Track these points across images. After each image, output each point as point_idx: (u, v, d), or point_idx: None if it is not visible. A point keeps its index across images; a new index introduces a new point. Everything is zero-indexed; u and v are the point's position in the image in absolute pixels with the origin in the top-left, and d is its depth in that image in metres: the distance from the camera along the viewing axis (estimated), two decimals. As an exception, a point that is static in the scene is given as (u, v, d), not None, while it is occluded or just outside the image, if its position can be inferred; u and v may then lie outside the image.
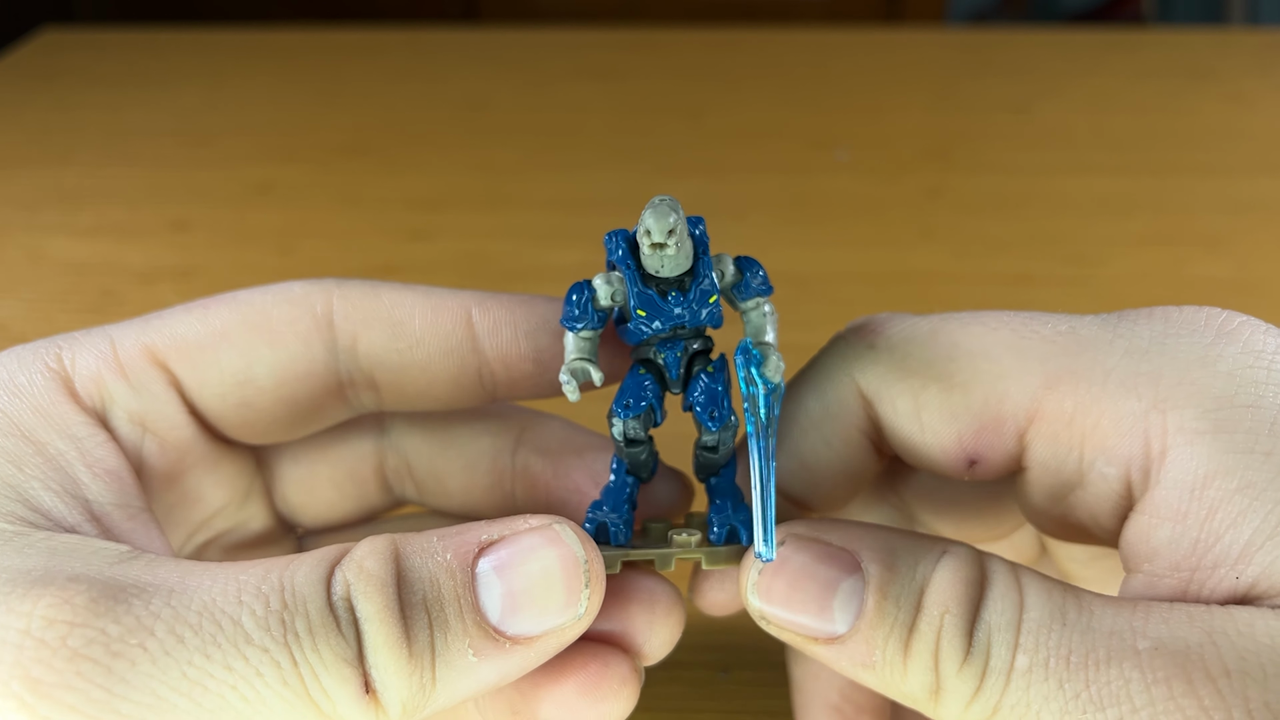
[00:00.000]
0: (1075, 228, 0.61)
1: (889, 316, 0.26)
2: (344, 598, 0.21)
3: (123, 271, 0.59)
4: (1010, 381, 0.23)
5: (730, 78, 0.83)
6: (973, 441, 0.24)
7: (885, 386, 0.24)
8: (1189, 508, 0.21)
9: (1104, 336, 0.23)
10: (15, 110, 0.79)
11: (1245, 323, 0.22)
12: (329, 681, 0.20)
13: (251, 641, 0.20)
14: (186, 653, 0.20)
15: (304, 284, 0.26)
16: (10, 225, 0.64)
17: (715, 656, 0.35)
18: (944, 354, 0.24)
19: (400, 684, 0.21)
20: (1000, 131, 0.73)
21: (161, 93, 0.82)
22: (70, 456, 0.24)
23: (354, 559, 0.21)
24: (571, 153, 0.72)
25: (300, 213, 0.65)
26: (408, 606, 0.21)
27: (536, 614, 0.22)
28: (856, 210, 0.64)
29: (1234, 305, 0.55)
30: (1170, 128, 0.72)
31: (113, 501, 0.24)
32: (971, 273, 0.57)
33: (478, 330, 0.26)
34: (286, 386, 0.26)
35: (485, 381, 0.27)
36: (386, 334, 0.26)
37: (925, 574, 0.22)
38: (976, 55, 0.86)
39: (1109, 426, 0.22)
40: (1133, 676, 0.20)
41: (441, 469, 0.30)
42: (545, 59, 0.87)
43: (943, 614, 0.22)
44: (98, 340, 0.26)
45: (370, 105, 0.80)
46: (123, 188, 0.68)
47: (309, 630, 0.20)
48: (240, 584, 0.21)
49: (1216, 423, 0.21)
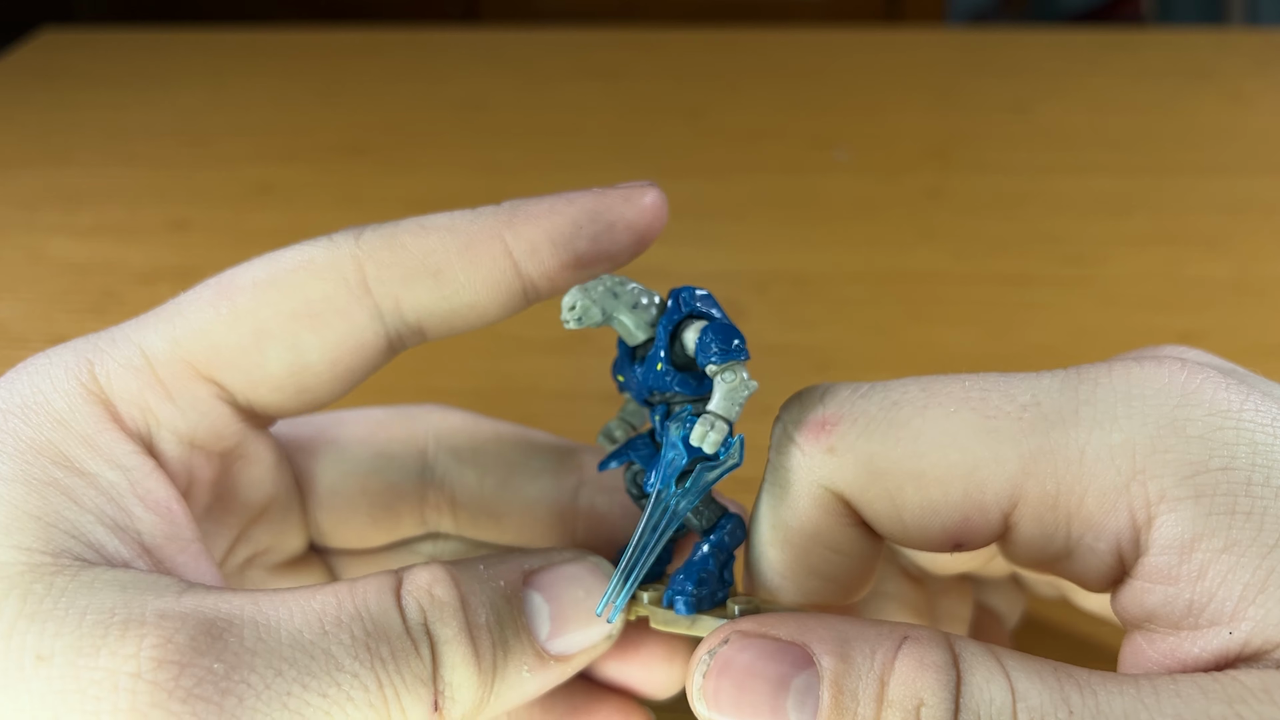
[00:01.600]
0: (1075, 227, 0.61)
1: (828, 397, 0.24)
2: (420, 623, 0.22)
3: (123, 271, 0.59)
4: (986, 471, 0.22)
5: (730, 78, 0.83)
6: (958, 532, 0.23)
7: (858, 493, 0.23)
8: (1180, 571, 0.21)
9: (1069, 406, 0.22)
10: (15, 110, 0.79)
11: (1207, 380, 0.22)
12: (408, 700, 0.22)
13: (343, 668, 0.21)
14: (285, 684, 0.21)
15: (323, 249, 0.25)
16: (10, 225, 0.64)
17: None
18: (909, 449, 0.22)
19: (469, 698, 0.23)
20: (1000, 131, 0.73)
21: (161, 93, 0.82)
22: (122, 488, 0.23)
23: (420, 586, 0.23)
24: (571, 153, 0.72)
25: (300, 213, 0.65)
26: (474, 628, 0.23)
27: (578, 635, 0.24)
28: (856, 210, 0.64)
29: (1234, 305, 0.55)
30: (1170, 128, 0.72)
31: (165, 534, 0.24)
32: (971, 273, 0.57)
33: (516, 255, 0.26)
34: (341, 363, 0.26)
35: (530, 295, 0.26)
36: (428, 287, 0.25)
37: (885, 661, 0.21)
38: (976, 55, 0.86)
39: (1093, 505, 0.21)
40: None
41: (498, 509, 0.30)
42: (545, 59, 0.87)
43: (918, 707, 0.20)
44: (128, 352, 0.24)
45: (370, 105, 0.80)
46: (123, 188, 0.68)
47: (392, 655, 0.22)
48: (319, 613, 0.22)
49: (1196, 488, 0.20)
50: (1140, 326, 0.52)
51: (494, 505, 0.30)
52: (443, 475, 0.30)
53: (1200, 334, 0.51)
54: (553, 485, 0.29)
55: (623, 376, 0.25)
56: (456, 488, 0.30)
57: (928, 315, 0.54)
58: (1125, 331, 0.52)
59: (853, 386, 0.24)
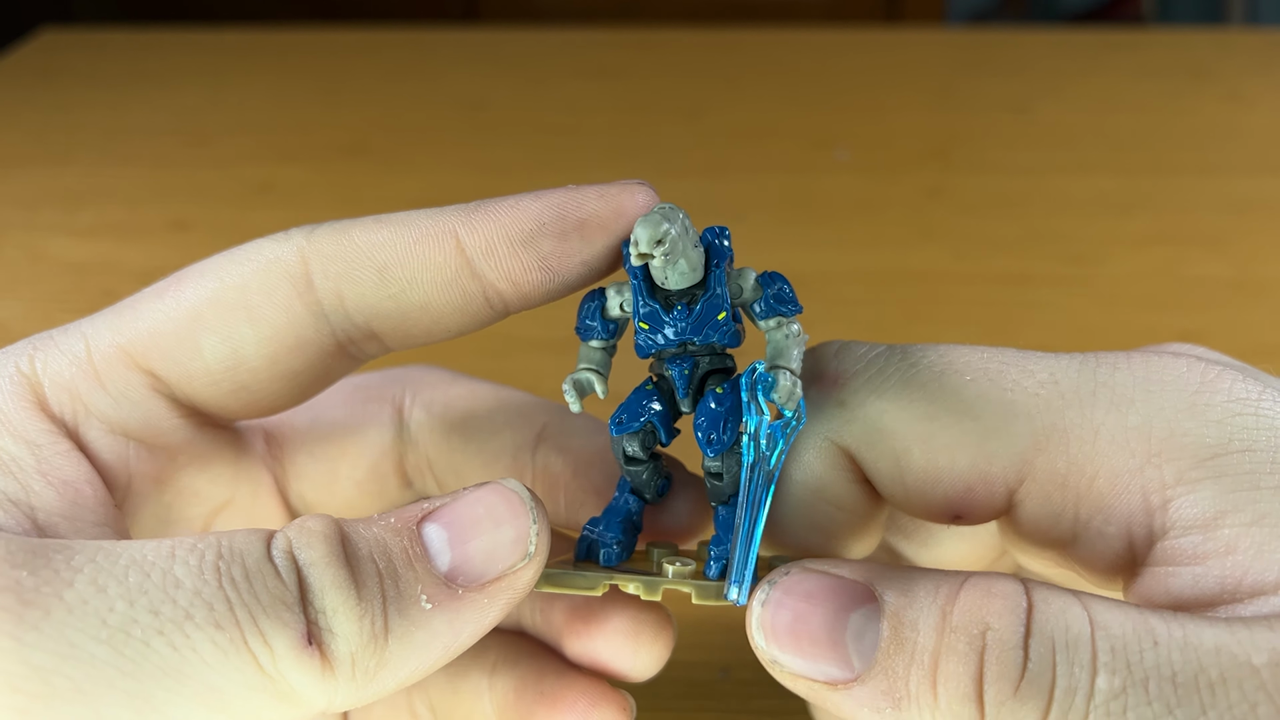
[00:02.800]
0: (1075, 227, 0.61)
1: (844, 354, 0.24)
2: (285, 551, 0.20)
3: (123, 271, 0.59)
4: (997, 442, 0.22)
5: (730, 78, 0.83)
6: (960, 502, 0.22)
7: (864, 449, 0.23)
8: (1206, 549, 0.20)
9: (1086, 387, 0.21)
10: (15, 110, 0.79)
11: (1225, 371, 0.22)
12: (268, 624, 0.19)
13: (181, 585, 0.19)
14: (108, 600, 0.19)
15: (272, 242, 0.24)
16: (10, 225, 0.64)
17: (715, 656, 0.35)
18: (921, 411, 0.22)
19: (349, 629, 0.20)
20: (1000, 131, 0.73)
21: (161, 93, 0.82)
22: (25, 462, 0.23)
23: (295, 523, 0.21)
24: (571, 152, 0.72)
25: (300, 213, 0.65)
26: (354, 559, 0.21)
27: (487, 556, 0.22)
28: (856, 210, 0.64)
29: (1234, 305, 0.55)
30: (1170, 127, 0.72)
31: (61, 513, 0.23)
32: (971, 273, 0.57)
33: (470, 254, 0.23)
34: (281, 361, 0.25)
35: (494, 302, 0.24)
36: (373, 283, 0.24)
37: (948, 594, 0.20)
38: (976, 55, 0.86)
39: (1105, 486, 0.21)
40: (1259, 700, 0.18)
41: (461, 465, 0.29)
42: (545, 59, 0.87)
43: (983, 631, 0.19)
44: (72, 342, 0.24)
45: (370, 105, 0.80)
46: (123, 188, 0.68)
47: (245, 575, 0.20)
48: (175, 543, 0.20)
49: (1215, 470, 0.20)
50: (1140, 326, 0.52)
51: (460, 463, 0.29)
52: (416, 433, 0.29)
53: (1200, 334, 0.51)
54: (511, 442, 0.28)
55: (647, 323, 0.23)
56: (428, 447, 0.29)
57: (928, 315, 0.54)
58: (1125, 331, 0.52)
59: (870, 345, 0.24)
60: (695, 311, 0.23)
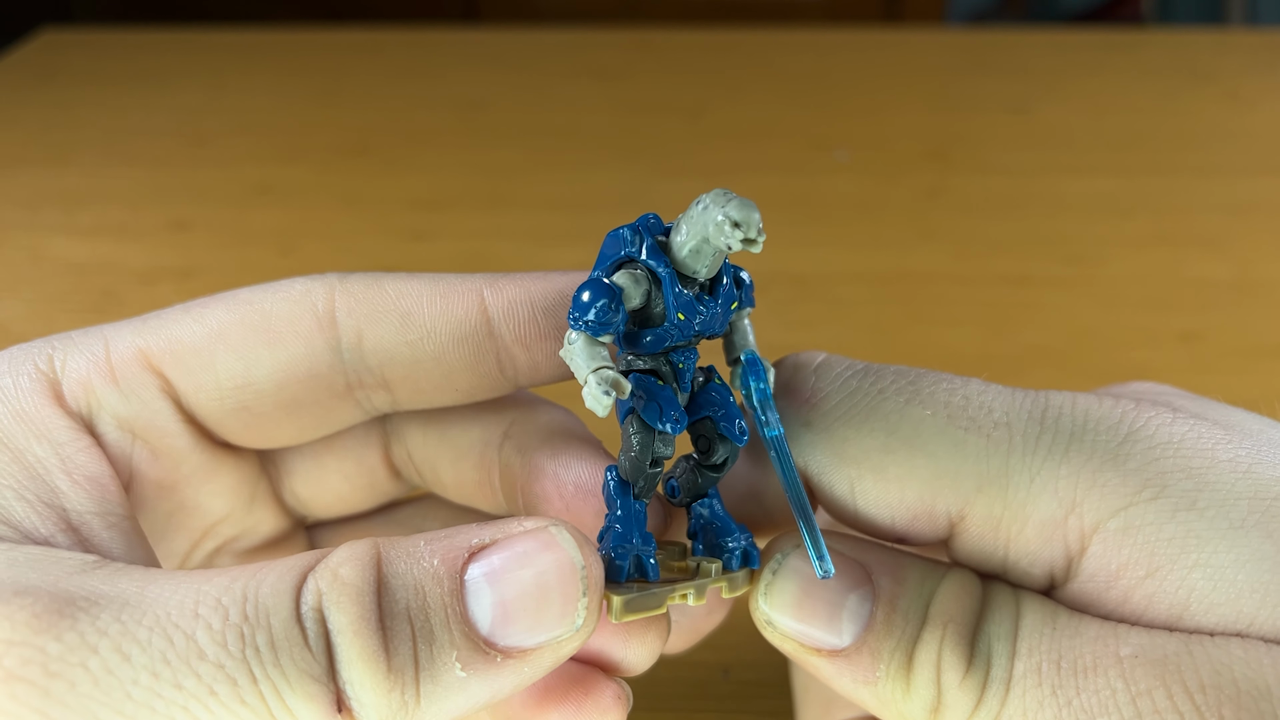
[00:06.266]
0: (1074, 228, 0.61)
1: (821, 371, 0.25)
2: (314, 608, 0.20)
3: (123, 271, 0.59)
4: (944, 482, 0.23)
5: (730, 78, 0.83)
6: (905, 529, 0.24)
7: (822, 471, 0.24)
8: (1106, 597, 0.22)
9: (1032, 431, 0.23)
10: (15, 110, 0.79)
11: (1153, 418, 0.23)
12: (294, 700, 0.19)
13: (205, 658, 0.19)
14: (132, 671, 0.18)
15: (305, 280, 0.25)
16: (10, 225, 0.64)
17: (715, 656, 0.35)
18: (879, 443, 0.24)
19: (378, 701, 0.19)
20: (1000, 131, 0.73)
21: (161, 93, 0.82)
22: (50, 463, 0.23)
23: (329, 566, 0.20)
24: (571, 153, 0.72)
25: (300, 213, 0.65)
26: (388, 616, 0.20)
27: (530, 625, 0.21)
28: (855, 210, 0.64)
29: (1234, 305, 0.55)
30: (1170, 128, 0.72)
31: (92, 510, 0.23)
32: (971, 273, 0.57)
33: (492, 313, 0.24)
34: (288, 389, 0.25)
35: (506, 368, 0.25)
36: (394, 326, 0.24)
37: (931, 588, 0.23)
38: (976, 55, 0.86)
39: (1032, 534, 0.23)
40: (1118, 686, 0.21)
41: (436, 459, 0.29)
42: (545, 59, 0.87)
43: (945, 623, 0.22)
44: (92, 342, 0.25)
45: (370, 105, 0.80)
46: (123, 188, 0.68)
47: (270, 644, 0.19)
48: (200, 595, 0.19)
49: (1126, 520, 0.22)
50: (1140, 326, 0.52)
51: (435, 457, 0.29)
52: (398, 426, 0.29)
53: (1200, 334, 0.51)
54: (479, 438, 0.28)
55: (685, 314, 0.23)
56: (407, 438, 0.29)
57: (928, 315, 0.54)
58: (1125, 331, 0.52)
59: (847, 364, 0.25)
60: (716, 300, 0.23)
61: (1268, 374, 0.48)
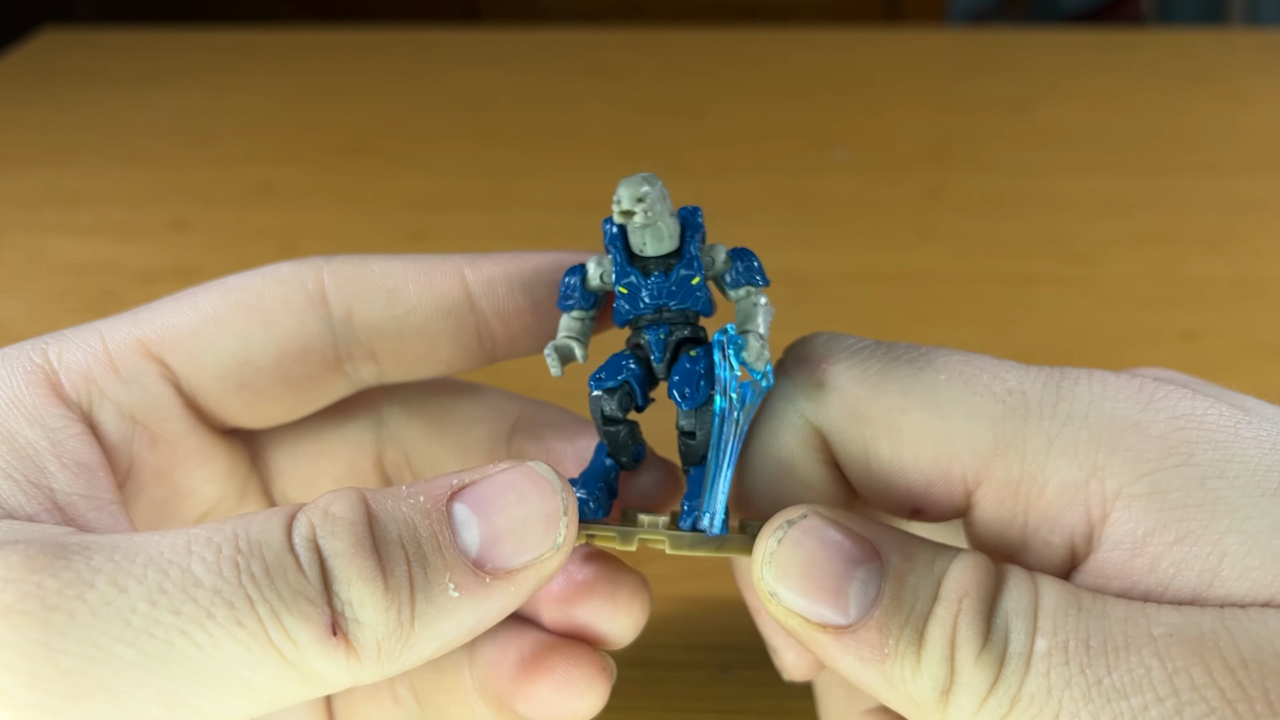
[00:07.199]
0: (1074, 227, 0.61)
1: (832, 342, 0.25)
2: (308, 539, 0.20)
3: (123, 271, 0.59)
4: (961, 443, 0.23)
5: (730, 78, 0.83)
6: (920, 495, 0.24)
7: (836, 431, 0.24)
8: (1132, 565, 0.22)
9: (1049, 399, 0.23)
10: (15, 110, 0.79)
11: (1173, 391, 0.23)
12: (290, 620, 0.20)
13: (201, 585, 0.19)
14: (129, 601, 0.19)
15: (292, 263, 0.27)
16: (10, 225, 0.64)
17: (715, 656, 0.35)
18: (894, 403, 0.23)
19: (376, 620, 0.20)
20: (1000, 131, 0.73)
21: (161, 93, 0.82)
22: (40, 446, 0.24)
23: (318, 505, 0.21)
24: (571, 153, 0.72)
25: (300, 213, 0.65)
26: (381, 543, 0.21)
27: (516, 545, 0.22)
28: (856, 210, 0.64)
29: (1234, 305, 0.55)
30: (1170, 127, 0.72)
31: (79, 492, 0.24)
32: (971, 273, 0.57)
33: (472, 288, 0.26)
34: (285, 365, 0.26)
35: (485, 340, 0.27)
36: (381, 302, 0.26)
37: (943, 567, 0.22)
38: (976, 55, 0.86)
39: (1053, 497, 0.22)
40: (1152, 665, 0.20)
41: (438, 457, 0.30)
42: (545, 59, 0.87)
43: (960, 598, 0.21)
44: (87, 336, 0.26)
45: (370, 105, 0.80)
46: (123, 188, 0.68)
47: (265, 571, 0.20)
48: (190, 536, 0.20)
49: (1152, 485, 0.21)
50: (1140, 326, 0.52)
51: (436, 455, 0.30)
52: (394, 429, 0.30)
53: (1200, 334, 0.51)
54: (486, 433, 0.29)
55: (626, 288, 0.25)
56: (406, 442, 0.30)
57: (928, 315, 0.54)
58: (1125, 331, 0.52)
59: (856, 337, 0.25)
60: (671, 277, 0.24)
61: (1268, 373, 0.48)
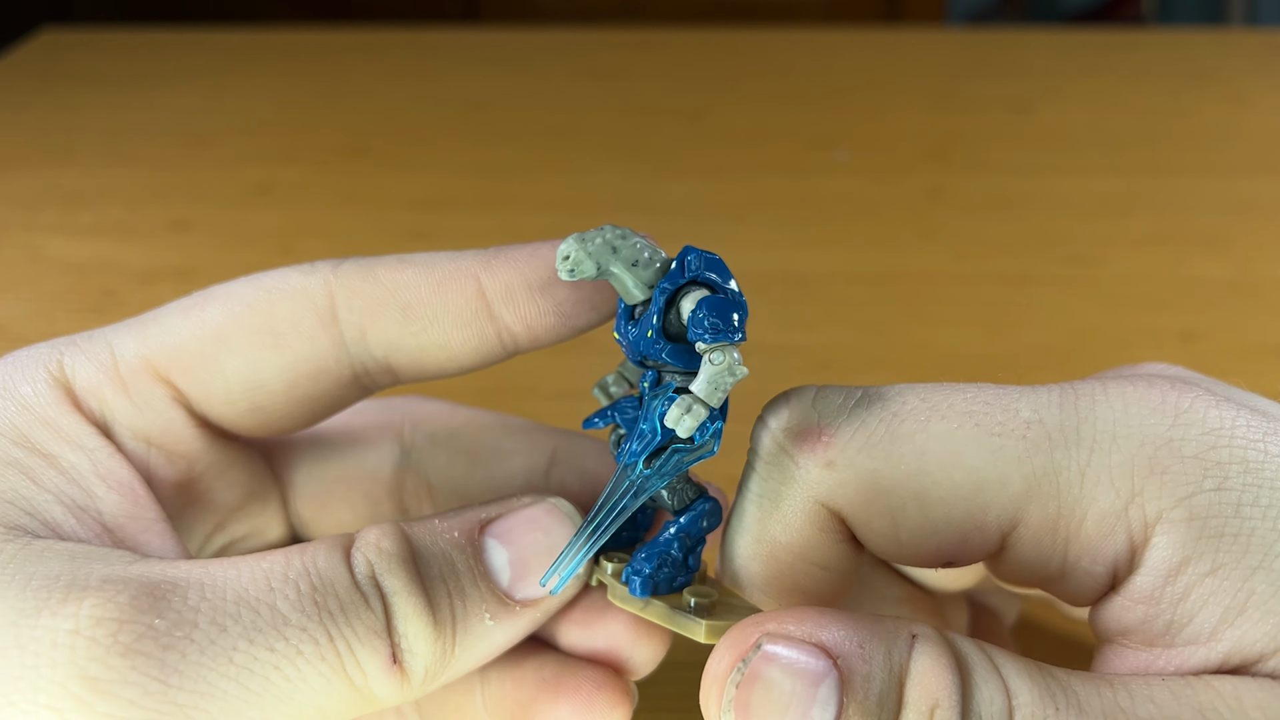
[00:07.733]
0: (1075, 228, 0.61)
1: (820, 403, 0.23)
2: (368, 576, 0.22)
3: (123, 271, 0.59)
4: (991, 492, 0.22)
5: (730, 78, 0.83)
6: (954, 551, 0.22)
7: (857, 511, 0.22)
8: (1163, 593, 0.21)
9: (1070, 424, 0.22)
10: (15, 110, 0.79)
11: (1199, 398, 0.22)
12: (362, 654, 0.22)
13: (289, 623, 0.21)
14: (230, 639, 0.21)
15: (299, 273, 0.25)
16: (10, 225, 0.64)
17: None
18: (913, 467, 0.22)
19: (427, 649, 0.22)
20: (1000, 131, 0.73)
21: (161, 93, 0.82)
22: (83, 469, 0.24)
23: (369, 541, 0.23)
24: (571, 153, 0.72)
25: (300, 213, 0.65)
26: (427, 580, 0.23)
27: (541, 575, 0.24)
28: (856, 210, 0.64)
29: (1234, 305, 0.54)
30: (1170, 128, 0.72)
31: (127, 514, 0.24)
32: (971, 273, 0.57)
33: (490, 297, 0.25)
34: (299, 387, 0.26)
35: (506, 342, 0.26)
36: (396, 320, 0.25)
37: (900, 662, 0.21)
38: (976, 55, 0.86)
39: (1092, 529, 0.21)
40: None
41: (470, 491, 0.29)
42: (545, 59, 0.87)
43: (932, 708, 0.20)
44: (98, 348, 0.25)
45: (370, 105, 0.80)
46: (123, 188, 0.68)
47: (340, 608, 0.22)
48: (266, 572, 0.22)
49: (1190, 510, 0.21)
50: (1140, 326, 0.52)
51: (466, 488, 0.29)
52: (418, 461, 0.30)
53: (1200, 334, 0.51)
54: (523, 466, 0.29)
55: (618, 335, 0.24)
56: (431, 473, 0.30)
57: (928, 315, 0.54)
58: (1125, 331, 0.52)
59: (845, 392, 0.23)
60: (637, 324, 0.23)
61: (1268, 374, 0.48)
